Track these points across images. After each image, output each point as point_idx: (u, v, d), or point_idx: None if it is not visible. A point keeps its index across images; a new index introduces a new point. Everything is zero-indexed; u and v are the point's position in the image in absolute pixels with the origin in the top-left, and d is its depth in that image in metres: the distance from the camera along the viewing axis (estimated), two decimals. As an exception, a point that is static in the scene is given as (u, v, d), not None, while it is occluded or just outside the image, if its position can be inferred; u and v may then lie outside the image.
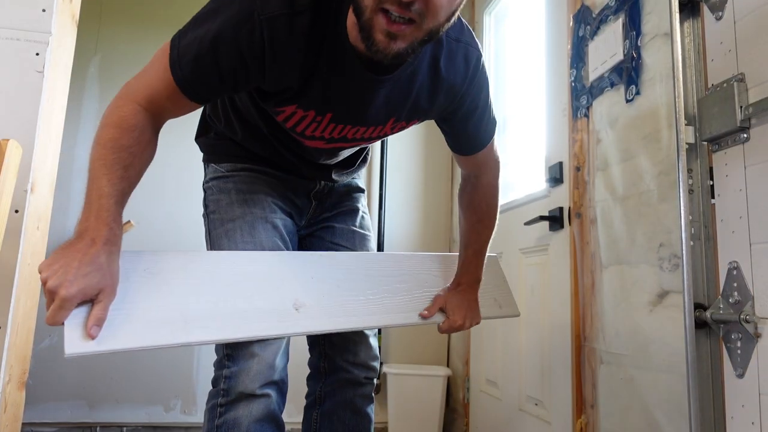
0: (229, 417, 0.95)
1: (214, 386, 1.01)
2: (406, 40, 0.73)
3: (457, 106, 0.97)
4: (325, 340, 1.17)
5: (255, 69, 0.82)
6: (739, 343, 0.95)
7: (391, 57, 0.74)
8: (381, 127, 0.97)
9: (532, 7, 2.11)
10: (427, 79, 0.91)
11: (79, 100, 2.49)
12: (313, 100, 0.89)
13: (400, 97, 0.91)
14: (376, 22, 0.71)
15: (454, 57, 0.91)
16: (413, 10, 0.69)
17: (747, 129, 0.96)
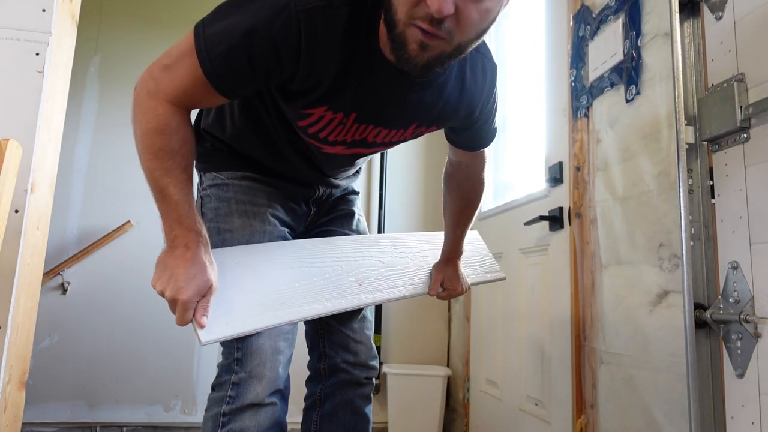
0: (234, 427, 0.92)
1: (217, 391, 0.97)
2: (436, 50, 0.73)
3: (474, 115, 1.00)
4: (326, 341, 1.17)
5: (289, 64, 0.80)
6: (739, 343, 0.95)
7: (420, 67, 0.75)
8: (402, 131, 0.98)
9: (532, 7, 2.11)
10: (455, 89, 0.93)
11: (79, 100, 2.49)
12: (344, 100, 0.87)
13: (428, 103, 0.92)
14: (410, 34, 0.71)
15: (475, 68, 0.95)
16: (444, 28, 0.70)
17: (747, 129, 0.96)
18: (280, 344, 0.97)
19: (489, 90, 0.98)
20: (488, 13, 0.72)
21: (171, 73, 0.82)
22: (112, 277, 2.42)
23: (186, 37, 0.82)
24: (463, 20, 0.70)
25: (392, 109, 0.91)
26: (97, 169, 2.49)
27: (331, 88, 0.85)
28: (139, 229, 2.46)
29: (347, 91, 0.86)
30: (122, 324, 2.39)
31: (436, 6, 0.66)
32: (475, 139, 1.07)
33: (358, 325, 1.16)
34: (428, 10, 0.67)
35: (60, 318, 2.35)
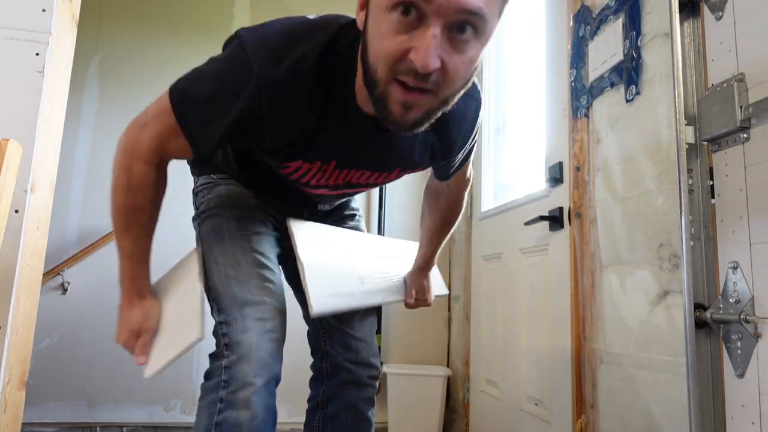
0: (230, 415, 0.93)
1: (210, 379, 1.00)
2: (422, 109, 0.70)
3: (455, 153, 1.00)
4: (327, 340, 1.16)
5: (255, 131, 0.83)
6: (739, 343, 0.95)
7: (408, 127, 0.71)
8: (387, 174, 0.98)
9: (532, 7, 2.11)
10: (430, 131, 0.89)
11: (79, 100, 2.49)
12: (318, 152, 0.88)
13: (406, 149, 0.92)
14: (391, 94, 0.68)
15: (458, 109, 0.89)
16: (430, 81, 0.66)
17: (747, 129, 0.96)
18: (267, 325, 0.97)
19: (470, 127, 0.97)
20: (471, 63, 0.69)
21: (148, 132, 0.88)
22: (112, 277, 2.39)
23: (161, 97, 0.86)
24: (449, 73, 0.66)
25: (372, 154, 0.91)
26: (97, 169, 2.48)
27: (303, 146, 0.86)
28: (139, 229, 2.46)
29: (320, 144, 0.86)
30: (122, 324, 2.39)
31: (421, 63, 0.63)
32: (452, 169, 1.06)
33: (358, 323, 1.16)
34: (412, 65, 0.64)
35: (60, 318, 2.35)
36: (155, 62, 2.59)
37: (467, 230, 2.51)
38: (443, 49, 0.64)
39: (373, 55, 0.68)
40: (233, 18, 2.71)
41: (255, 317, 0.96)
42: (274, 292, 1.00)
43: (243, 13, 2.72)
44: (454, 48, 0.65)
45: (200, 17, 2.69)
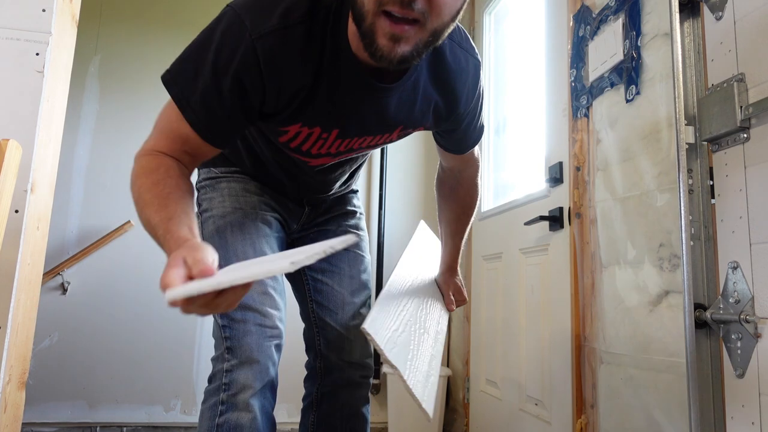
0: (231, 417, 0.94)
1: (212, 382, 1.00)
2: (411, 42, 0.69)
3: (458, 113, 0.96)
4: (321, 339, 1.17)
5: (255, 92, 0.79)
6: (739, 343, 0.95)
7: (396, 62, 0.70)
8: (388, 134, 0.96)
9: (532, 7, 2.11)
10: (430, 86, 0.88)
11: (79, 100, 2.49)
12: (318, 116, 0.85)
13: (406, 104, 0.89)
14: (379, 26, 0.67)
15: (458, 63, 0.89)
16: (416, 9, 0.65)
17: (747, 129, 0.96)
18: (267, 331, 0.97)
19: (473, 85, 0.93)
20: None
21: (156, 126, 0.83)
22: (112, 277, 2.42)
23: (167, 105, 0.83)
24: (435, 0, 0.66)
25: (372, 118, 0.88)
26: (97, 169, 2.49)
27: (302, 105, 0.83)
28: (139, 229, 2.46)
29: (319, 107, 0.84)
30: (122, 324, 2.39)
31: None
32: (463, 140, 1.04)
33: (352, 324, 1.16)
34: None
35: (60, 318, 2.35)
36: (155, 62, 2.59)
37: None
38: None
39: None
40: (233, 18, 2.71)
41: (256, 322, 0.96)
42: (276, 298, 1.01)
43: (243, 13, 2.72)
44: None
45: (200, 17, 2.68)
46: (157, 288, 2.10)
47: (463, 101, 0.93)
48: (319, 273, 1.18)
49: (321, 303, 1.17)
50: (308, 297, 1.19)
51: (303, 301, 1.20)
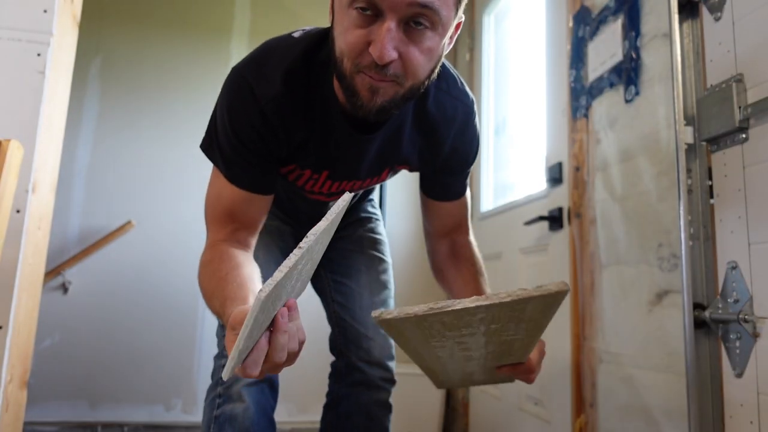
0: (227, 408, 0.95)
1: (213, 379, 1.01)
2: (388, 94, 0.73)
3: (444, 156, 0.96)
4: (342, 338, 1.16)
5: (269, 141, 0.86)
6: (737, 342, 0.95)
7: (375, 112, 0.74)
8: (377, 177, 1.00)
9: (532, 7, 2.11)
10: (414, 131, 0.92)
11: (80, 100, 2.49)
12: (309, 160, 0.91)
13: (390, 149, 0.93)
14: (358, 81, 0.72)
15: (443, 110, 0.91)
16: (390, 73, 0.71)
17: (746, 129, 0.96)
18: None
19: (460, 129, 0.94)
20: (432, 52, 0.73)
21: (206, 221, 0.90)
22: (113, 276, 2.42)
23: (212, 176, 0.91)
24: (408, 63, 0.71)
25: (358, 164, 0.93)
26: (98, 169, 2.49)
27: (297, 151, 0.89)
28: (140, 229, 2.47)
29: (311, 152, 0.90)
30: (123, 323, 2.40)
31: (377, 54, 0.68)
32: (451, 185, 1.01)
33: (371, 321, 1.15)
34: (371, 58, 0.69)
35: (61, 317, 2.35)
36: (156, 63, 2.60)
37: (467, 230, 2.51)
38: (400, 41, 0.69)
39: (338, 49, 0.74)
40: (234, 18, 2.71)
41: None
42: None
43: (244, 14, 2.72)
44: (411, 40, 0.70)
45: (201, 18, 2.69)
46: (157, 288, 2.13)
47: (448, 145, 0.94)
48: (339, 275, 1.20)
49: (341, 303, 1.18)
50: (331, 298, 1.20)
51: (327, 303, 1.21)
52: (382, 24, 0.68)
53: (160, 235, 2.47)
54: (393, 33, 0.68)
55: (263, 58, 0.84)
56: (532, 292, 0.60)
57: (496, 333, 0.68)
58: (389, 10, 0.67)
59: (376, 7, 0.68)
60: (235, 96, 0.83)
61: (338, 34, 0.73)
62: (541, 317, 0.66)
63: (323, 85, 0.84)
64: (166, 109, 2.56)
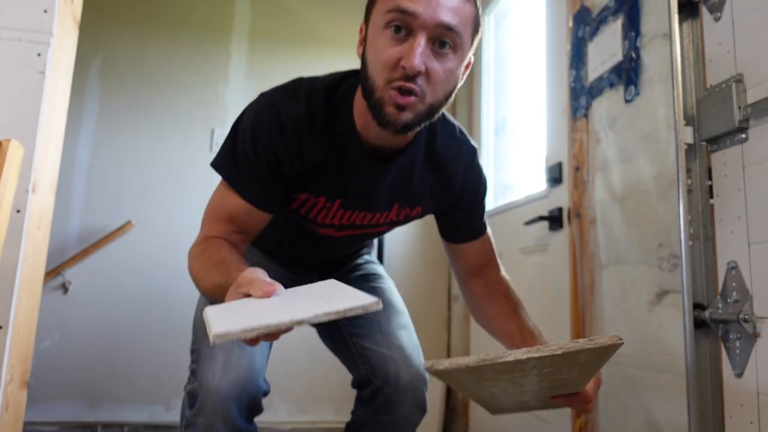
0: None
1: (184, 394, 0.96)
2: (412, 111, 0.81)
3: (457, 193, 1.02)
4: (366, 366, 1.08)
5: (285, 161, 0.89)
6: (737, 342, 0.95)
7: (400, 126, 0.81)
8: (387, 213, 1.00)
9: (532, 7, 2.11)
10: (426, 169, 0.98)
11: (80, 100, 2.49)
12: (323, 186, 0.94)
13: (402, 183, 0.97)
14: (387, 98, 0.80)
15: (449, 150, 0.99)
16: (418, 83, 0.79)
17: (746, 129, 0.96)
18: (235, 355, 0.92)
19: (468, 166, 1.02)
20: (451, 74, 0.82)
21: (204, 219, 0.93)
22: (113, 276, 2.42)
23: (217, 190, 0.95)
24: (432, 77, 0.80)
25: (371, 193, 0.96)
26: (98, 170, 2.49)
27: (312, 177, 0.93)
28: (140, 229, 2.47)
29: (325, 177, 0.93)
30: (123, 323, 2.40)
31: (410, 64, 0.77)
32: (470, 225, 1.07)
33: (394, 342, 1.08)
34: (403, 71, 0.78)
35: (61, 317, 2.35)
36: (156, 63, 2.60)
37: (467, 230, 2.51)
38: (428, 57, 0.79)
39: (371, 67, 0.82)
40: (234, 18, 2.71)
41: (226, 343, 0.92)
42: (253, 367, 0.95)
43: (244, 14, 2.72)
44: (436, 58, 0.80)
45: (201, 18, 2.69)
46: (157, 288, 2.14)
47: (458, 180, 1.01)
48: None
49: (361, 333, 1.11)
50: (348, 334, 1.13)
51: (345, 343, 1.13)
52: (414, 40, 0.78)
53: (160, 235, 2.47)
54: (422, 48, 0.77)
55: (291, 86, 0.92)
56: (585, 344, 0.62)
57: (548, 375, 0.69)
58: (420, 28, 0.77)
59: (409, 26, 0.78)
60: (262, 112, 0.89)
61: (372, 54, 0.82)
62: (595, 362, 0.68)
63: (343, 113, 0.91)
64: (166, 109, 2.56)
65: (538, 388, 0.74)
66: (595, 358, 0.66)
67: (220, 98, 2.61)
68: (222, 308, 0.65)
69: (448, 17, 0.78)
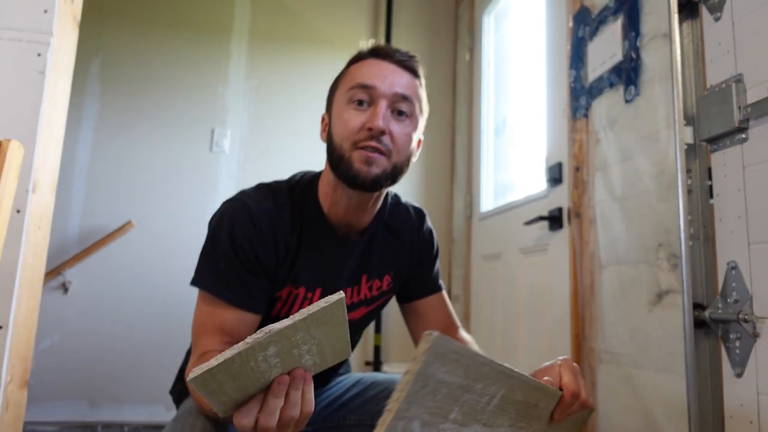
0: None
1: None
2: (380, 166, 0.88)
3: (411, 250, 1.07)
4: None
5: (262, 256, 0.91)
6: (737, 342, 0.95)
7: (370, 181, 0.87)
8: (357, 287, 1.02)
9: (532, 7, 2.11)
10: (384, 235, 1.04)
11: (80, 100, 2.49)
12: (302, 275, 0.96)
13: (368, 254, 1.02)
14: (355, 157, 0.87)
15: (399, 212, 1.07)
16: (383, 142, 0.87)
17: (745, 129, 0.96)
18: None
19: (418, 225, 1.09)
20: (409, 138, 0.91)
21: (193, 337, 0.91)
22: (113, 276, 2.43)
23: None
24: (395, 138, 0.88)
25: (342, 269, 0.99)
26: (98, 170, 2.49)
27: (289, 266, 0.95)
28: (141, 229, 2.47)
29: (301, 263, 0.95)
30: (123, 323, 2.40)
31: (375, 123, 0.86)
32: (423, 280, 1.10)
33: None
34: (369, 132, 0.86)
35: (61, 317, 2.35)
36: (156, 63, 2.60)
37: (467, 230, 2.51)
38: (389, 120, 0.88)
39: (338, 138, 0.90)
40: (234, 18, 2.71)
41: None
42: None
43: (244, 14, 2.72)
44: (397, 122, 0.90)
45: (201, 18, 2.69)
46: (157, 287, 2.14)
47: (414, 238, 1.08)
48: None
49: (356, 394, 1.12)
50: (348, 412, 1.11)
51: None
52: (376, 107, 0.87)
53: (160, 235, 2.47)
54: (384, 111, 0.88)
55: (255, 188, 0.98)
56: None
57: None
58: (380, 97, 0.88)
59: (370, 97, 0.89)
60: (233, 212, 0.92)
61: (338, 127, 0.90)
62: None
63: (309, 201, 0.97)
64: (166, 109, 2.56)
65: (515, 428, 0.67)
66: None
67: (220, 98, 2.61)
68: None
69: (402, 89, 0.89)
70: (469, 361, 0.58)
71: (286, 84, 2.68)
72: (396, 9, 2.83)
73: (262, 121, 2.64)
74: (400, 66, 0.92)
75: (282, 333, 0.56)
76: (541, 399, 0.68)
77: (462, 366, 0.58)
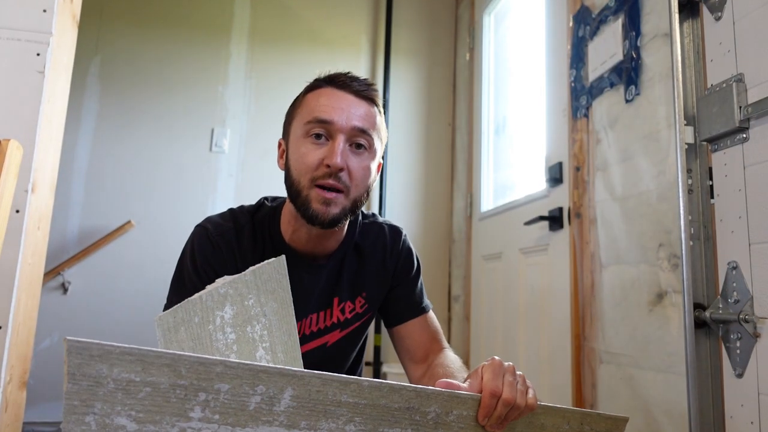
0: None
1: None
2: (338, 205, 0.88)
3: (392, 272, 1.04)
4: None
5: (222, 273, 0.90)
6: (738, 342, 0.95)
7: (328, 221, 0.88)
8: (330, 310, 1.00)
9: (532, 7, 2.11)
10: (354, 257, 1.03)
11: (79, 100, 2.49)
12: None
13: (335, 278, 1.01)
14: (313, 196, 0.87)
15: (369, 231, 1.05)
16: (341, 179, 0.87)
17: (746, 129, 0.96)
18: None
19: (392, 242, 1.05)
20: (368, 171, 0.91)
21: None
22: (112, 276, 2.42)
23: None
24: (353, 173, 0.88)
25: (310, 293, 0.99)
26: (97, 169, 2.49)
27: None
28: (140, 229, 2.47)
29: None
30: (122, 323, 2.40)
31: (333, 161, 0.86)
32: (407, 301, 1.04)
33: None
34: (327, 169, 0.86)
35: (60, 318, 2.35)
36: (156, 63, 2.60)
37: (467, 230, 2.51)
38: (347, 156, 0.88)
39: (296, 172, 0.89)
40: (234, 18, 2.71)
41: None
42: None
43: (244, 13, 2.72)
44: (354, 156, 0.89)
45: (201, 18, 2.69)
46: (157, 288, 2.13)
47: (388, 258, 1.04)
48: None
49: None
50: None
51: None
52: (334, 142, 0.87)
53: (160, 235, 2.47)
54: (342, 147, 0.87)
55: (219, 214, 1.00)
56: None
57: None
58: (338, 132, 0.88)
59: (328, 132, 0.88)
60: (195, 237, 0.96)
61: (295, 160, 0.90)
62: None
63: (270, 227, 0.98)
64: (165, 109, 2.55)
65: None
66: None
67: (220, 98, 2.61)
68: None
69: (360, 123, 0.89)
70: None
71: (286, 84, 2.68)
72: (396, 9, 2.83)
73: (262, 121, 2.64)
74: (358, 96, 0.92)
75: (234, 284, 0.58)
76: (453, 407, 0.63)
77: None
